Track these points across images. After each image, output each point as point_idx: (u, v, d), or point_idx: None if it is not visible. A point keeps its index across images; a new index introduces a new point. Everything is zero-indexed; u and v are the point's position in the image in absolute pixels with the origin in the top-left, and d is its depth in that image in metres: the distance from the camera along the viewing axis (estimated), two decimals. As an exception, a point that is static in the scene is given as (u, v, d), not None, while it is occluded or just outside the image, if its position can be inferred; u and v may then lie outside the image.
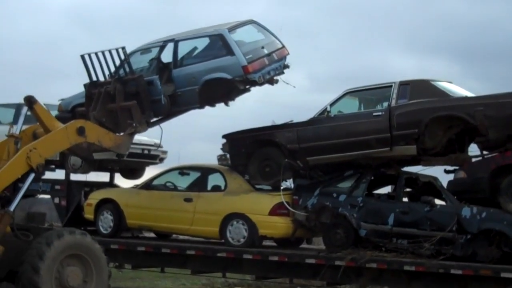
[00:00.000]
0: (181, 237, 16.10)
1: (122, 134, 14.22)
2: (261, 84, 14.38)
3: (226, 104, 14.89)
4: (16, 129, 12.88)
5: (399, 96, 13.39)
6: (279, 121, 14.86)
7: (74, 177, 17.06)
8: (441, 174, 13.78)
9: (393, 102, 13.40)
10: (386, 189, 14.59)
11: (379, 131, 13.37)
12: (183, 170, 15.72)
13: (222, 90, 14.38)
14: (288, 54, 14.94)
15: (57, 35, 47.53)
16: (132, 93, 14.15)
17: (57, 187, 17.07)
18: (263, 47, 14.50)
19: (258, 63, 14.16)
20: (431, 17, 46.02)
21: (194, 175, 15.62)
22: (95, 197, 16.12)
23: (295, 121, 14.58)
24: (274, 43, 14.77)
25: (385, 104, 13.58)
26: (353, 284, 14.70)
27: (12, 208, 11.97)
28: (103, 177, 17.87)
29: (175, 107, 14.62)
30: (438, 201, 13.31)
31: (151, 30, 45.97)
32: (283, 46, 14.87)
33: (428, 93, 13.28)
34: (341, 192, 13.87)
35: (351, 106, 14.19)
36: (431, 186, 13.56)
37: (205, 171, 15.43)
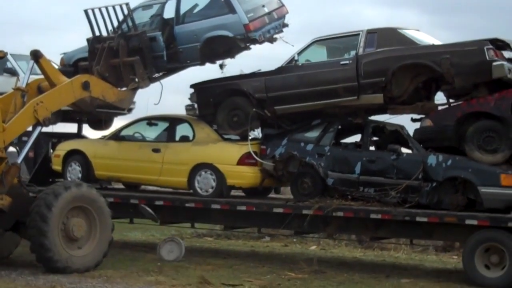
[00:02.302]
0: (149, 187, 16.06)
1: (124, 89, 14.48)
2: (261, 42, 14.49)
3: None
4: (22, 82, 13.01)
5: (366, 44, 13.35)
6: (247, 71, 14.82)
7: (41, 128, 16.87)
8: (408, 122, 13.83)
9: (360, 51, 13.37)
10: (353, 138, 14.61)
11: (346, 80, 13.35)
12: (151, 121, 15.65)
13: (223, 48, 14.51)
14: (288, 12, 15.06)
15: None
16: (135, 48, 14.38)
17: (24, 138, 16.86)
18: (263, 6, 14.62)
19: (259, 21, 14.28)
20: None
21: (162, 126, 15.58)
22: (63, 148, 16.02)
23: (262, 70, 14.52)
24: (274, 2, 14.89)
25: (353, 53, 13.54)
26: (321, 233, 14.81)
27: (19, 160, 12.46)
28: (71, 128, 17.74)
29: (176, 63, 14.77)
30: (404, 150, 13.36)
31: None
32: (283, 5, 14.99)
33: (395, 41, 13.24)
34: (309, 141, 13.88)
35: (319, 55, 14.14)
36: (397, 135, 13.63)
37: (173, 122, 15.37)
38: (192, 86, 15.08)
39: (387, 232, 13.40)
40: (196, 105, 14.95)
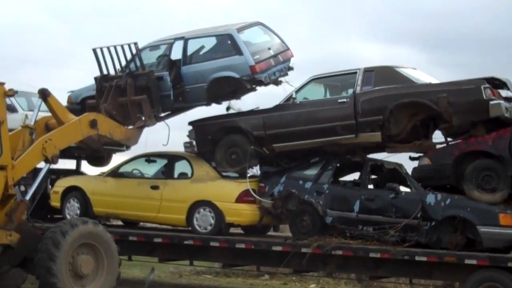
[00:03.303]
0: (148, 225, 16.02)
1: (131, 127, 14.64)
2: (267, 84, 14.58)
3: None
4: (30, 120, 13.17)
5: (364, 82, 13.39)
6: (244, 109, 14.85)
7: (39, 164, 16.87)
8: (406, 161, 13.82)
9: (358, 89, 13.40)
10: (352, 176, 14.57)
11: (344, 118, 13.35)
12: (149, 158, 15.65)
13: (229, 89, 14.61)
14: (292, 56, 15.16)
15: (24, 23, 47.20)
16: (142, 87, 14.52)
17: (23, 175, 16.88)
18: (269, 48, 14.73)
19: (265, 63, 14.39)
20: (394, 6, 46.40)
21: (161, 163, 15.57)
22: (61, 185, 16.02)
23: (260, 108, 14.54)
24: (280, 45, 15.00)
25: (350, 91, 13.56)
26: (320, 271, 14.72)
27: (27, 197, 12.60)
28: (70, 164, 17.73)
29: (183, 103, 14.84)
30: (403, 188, 13.30)
31: (116, 17, 45.88)
32: (288, 48, 15.08)
33: (392, 80, 13.27)
34: (307, 179, 13.85)
35: (317, 93, 14.17)
36: (396, 173, 13.55)
37: (172, 158, 15.35)
38: (190, 123, 15.10)
39: (387, 271, 13.29)
40: (194, 143, 14.96)
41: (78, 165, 17.87)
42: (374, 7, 46.67)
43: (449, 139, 13.28)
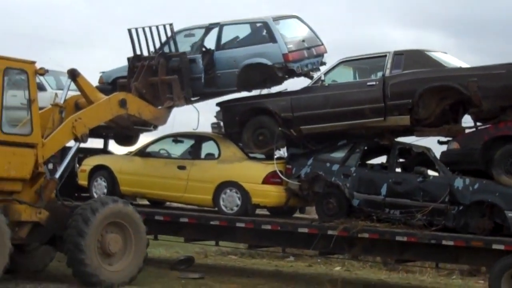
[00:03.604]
0: (174, 204, 16.09)
1: (160, 107, 14.71)
2: (298, 75, 14.60)
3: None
4: (60, 99, 13.24)
5: (393, 66, 13.34)
6: (273, 90, 14.84)
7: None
8: (435, 145, 13.73)
9: (387, 72, 13.35)
10: (379, 159, 14.54)
11: (373, 101, 13.31)
12: (177, 138, 15.69)
13: (260, 77, 14.58)
14: (326, 52, 15.19)
15: (55, 3, 47.39)
16: (174, 69, 14.63)
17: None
18: (303, 41, 14.77)
19: (298, 53, 14.42)
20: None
21: (188, 143, 15.62)
22: (89, 164, 16.09)
23: (289, 89, 14.52)
24: (314, 39, 15.02)
25: (379, 74, 13.52)
26: (346, 254, 14.73)
27: (57, 175, 12.65)
28: (97, 143, 17.82)
29: (213, 87, 14.88)
30: (431, 172, 13.26)
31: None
32: (322, 44, 15.10)
33: (422, 63, 13.20)
34: (335, 161, 13.83)
35: (346, 76, 14.15)
36: (424, 157, 13.50)
37: (199, 139, 15.39)
38: (218, 104, 15.13)
39: (413, 255, 13.29)
40: (222, 123, 14.99)
41: (106, 144, 17.94)
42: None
43: (478, 123, 13.20)
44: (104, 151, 17.80)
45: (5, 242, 11.19)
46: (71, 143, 13.07)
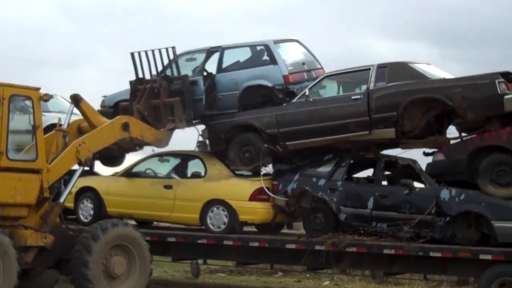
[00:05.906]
0: (161, 224, 16.03)
1: (162, 130, 14.77)
2: None
3: None
4: (64, 123, 13.28)
5: (377, 79, 13.37)
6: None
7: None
8: (420, 156, 13.79)
9: (371, 85, 13.38)
10: (365, 173, 14.55)
11: (357, 115, 13.34)
12: (162, 157, 15.69)
13: (261, 99, 14.64)
14: None
15: (41, 24, 47.42)
16: (176, 91, 14.69)
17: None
18: (303, 63, 14.91)
19: (298, 75, 14.55)
20: (406, 1, 46.34)
21: (174, 162, 15.58)
22: (75, 185, 15.97)
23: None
24: (314, 63, 15.15)
25: (364, 87, 13.54)
26: (334, 269, 14.70)
27: (62, 200, 12.72)
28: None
29: (214, 110, 14.92)
30: (417, 184, 13.29)
31: (134, 18, 46.02)
32: (322, 67, 15.17)
33: (406, 76, 13.24)
34: (321, 176, 13.83)
35: (330, 90, 14.17)
36: (410, 169, 13.53)
37: (185, 158, 15.40)
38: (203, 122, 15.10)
39: (401, 267, 13.30)
40: (207, 141, 14.98)
41: (91, 165, 17.85)
42: (386, 2, 46.59)
43: (463, 134, 13.24)
44: (90, 172, 17.70)
45: (12, 262, 11.24)
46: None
